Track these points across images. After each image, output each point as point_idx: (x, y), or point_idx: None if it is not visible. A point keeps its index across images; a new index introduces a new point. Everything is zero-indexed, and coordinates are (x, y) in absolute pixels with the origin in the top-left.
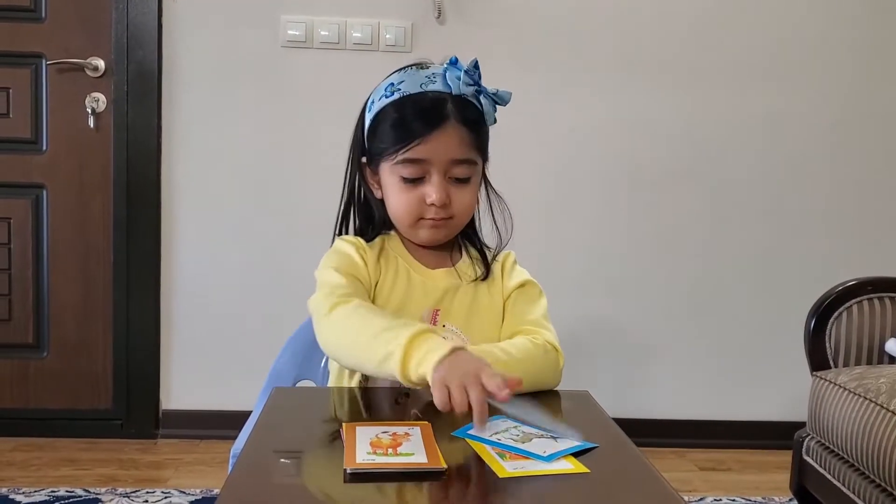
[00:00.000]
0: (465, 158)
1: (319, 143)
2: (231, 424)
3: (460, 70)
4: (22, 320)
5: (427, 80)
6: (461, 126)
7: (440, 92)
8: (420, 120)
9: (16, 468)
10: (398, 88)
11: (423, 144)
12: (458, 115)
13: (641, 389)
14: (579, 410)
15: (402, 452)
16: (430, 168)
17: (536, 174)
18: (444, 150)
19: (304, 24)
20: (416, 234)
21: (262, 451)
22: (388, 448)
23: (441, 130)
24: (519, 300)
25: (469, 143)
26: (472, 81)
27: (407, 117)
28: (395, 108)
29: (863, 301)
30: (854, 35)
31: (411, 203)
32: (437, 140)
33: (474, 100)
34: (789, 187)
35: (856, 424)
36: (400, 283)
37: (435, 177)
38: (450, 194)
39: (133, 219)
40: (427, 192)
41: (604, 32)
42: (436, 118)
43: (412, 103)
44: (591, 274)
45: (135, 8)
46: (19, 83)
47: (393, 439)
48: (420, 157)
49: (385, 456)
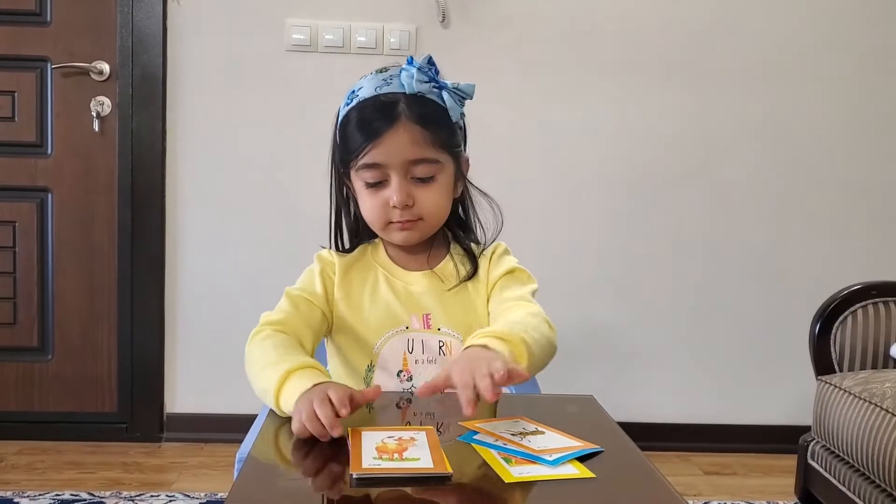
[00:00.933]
0: (423, 158)
1: (324, 146)
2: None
3: (413, 68)
4: (27, 323)
5: (383, 82)
6: (414, 125)
7: (394, 93)
8: (371, 123)
9: (21, 471)
10: (357, 94)
11: (376, 148)
12: (411, 114)
13: (646, 393)
14: (584, 415)
15: (408, 457)
16: (388, 171)
17: (540, 177)
18: (397, 151)
19: (309, 29)
20: (389, 237)
21: (268, 455)
22: (395, 453)
23: (392, 132)
24: (505, 283)
25: (425, 141)
26: (428, 78)
27: (360, 122)
28: (352, 114)
29: (868, 305)
30: (858, 38)
31: (376, 207)
32: (389, 142)
33: (435, 97)
34: (794, 190)
35: (861, 429)
36: (381, 291)
37: (394, 179)
38: (413, 195)
39: (138, 222)
40: (388, 195)
41: (608, 36)
42: (386, 120)
43: (366, 108)
44: (595, 277)
45: (140, 12)
46: (24, 87)
47: (399, 444)
48: (375, 161)
49: (391, 461)
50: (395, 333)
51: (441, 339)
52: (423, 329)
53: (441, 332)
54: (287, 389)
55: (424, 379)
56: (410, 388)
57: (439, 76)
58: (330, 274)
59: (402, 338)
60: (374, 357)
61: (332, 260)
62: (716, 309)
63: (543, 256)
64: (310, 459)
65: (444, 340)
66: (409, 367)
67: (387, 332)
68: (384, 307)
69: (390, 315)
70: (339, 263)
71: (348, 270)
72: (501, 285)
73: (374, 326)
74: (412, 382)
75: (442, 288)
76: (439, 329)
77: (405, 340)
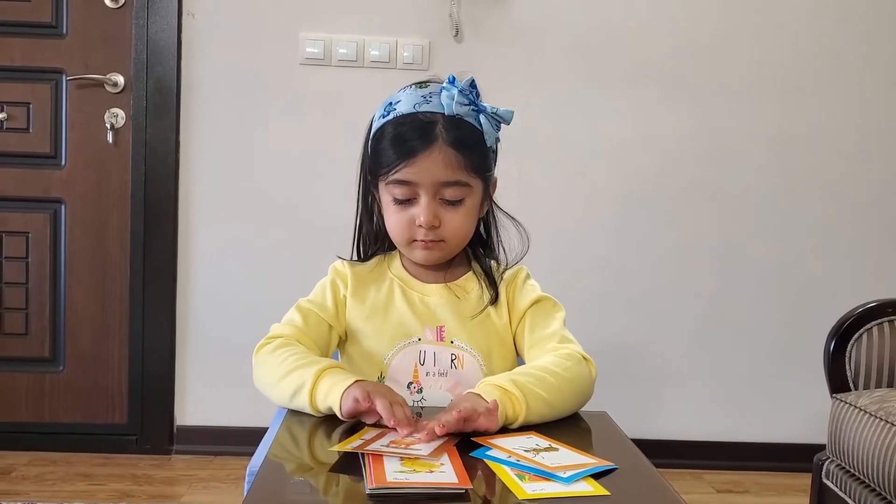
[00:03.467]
0: (455, 181)
1: (337, 160)
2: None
3: (455, 89)
4: (39, 334)
5: (422, 99)
6: (450, 148)
7: (433, 112)
8: (408, 142)
9: (30, 482)
10: (394, 108)
11: (409, 167)
12: (448, 137)
13: (658, 409)
14: (598, 431)
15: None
16: (418, 189)
17: (551, 190)
18: (431, 173)
19: (323, 42)
20: (411, 254)
21: (280, 469)
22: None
23: (428, 153)
24: (535, 317)
25: (459, 165)
26: (468, 101)
27: (396, 138)
28: (388, 128)
29: (883, 323)
30: (871, 51)
31: (402, 224)
32: (424, 162)
33: (472, 120)
34: (808, 204)
35: (877, 448)
36: (396, 302)
37: (423, 198)
38: (440, 216)
39: (150, 234)
40: (416, 213)
41: (619, 50)
42: (423, 140)
43: (404, 124)
44: (606, 292)
45: (155, 24)
46: (39, 98)
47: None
48: (407, 179)
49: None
50: (407, 345)
51: (453, 353)
52: (435, 341)
53: (454, 345)
54: (324, 385)
55: (434, 391)
56: (421, 400)
57: (479, 99)
58: (341, 286)
59: (413, 349)
60: (385, 368)
61: (345, 272)
62: (729, 324)
63: (553, 270)
64: (322, 473)
65: (457, 354)
66: (419, 380)
67: (399, 343)
68: (398, 318)
69: (403, 326)
70: (353, 275)
71: (362, 281)
72: (532, 319)
73: (387, 337)
74: (422, 395)
75: (457, 302)
76: (452, 342)
77: (417, 352)
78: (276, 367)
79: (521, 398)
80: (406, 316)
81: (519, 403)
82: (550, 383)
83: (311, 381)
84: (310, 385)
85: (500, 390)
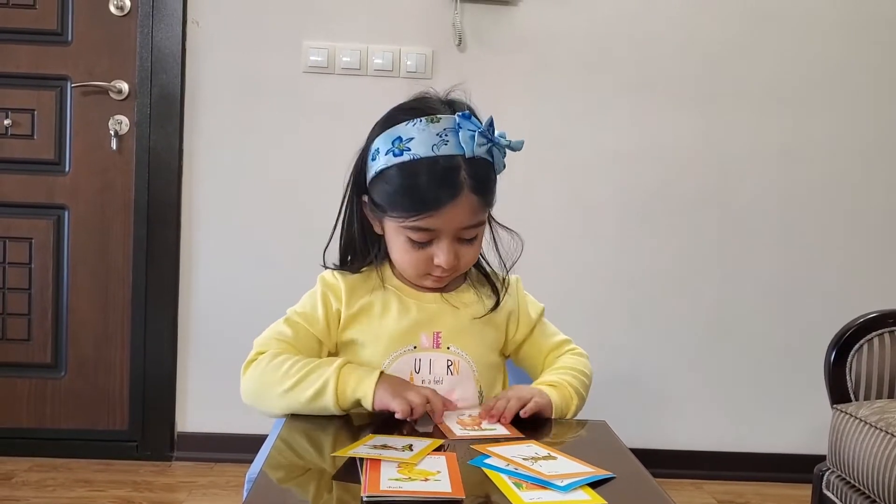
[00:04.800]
0: (476, 223)
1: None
2: (246, 448)
3: (474, 129)
4: (41, 340)
5: (439, 140)
6: (473, 195)
7: (453, 156)
8: (432, 193)
9: (31, 488)
10: (407, 147)
11: (434, 217)
12: (472, 183)
13: (658, 418)
14: (597, 440)
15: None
16: (440, 234)
17: (554, 199)
18: (456, 221)
19: (326, 51)
20: (419, 282)
21: (278, 475)
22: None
23: (454, 203)
24: (543, 326)
25: (480, 207)
26: (486, 140)
27: (418, 188)
28: (404, 172)
29: (884, 334)
30: (876, 63)
31: (419, 262)
32: (450, 213)
33: (486, 154)
34: (810, 215)
35: (877, 459)
36: (392, 310)
37: (444, 242)
38: (457, 253)
39: (153, 240)
40: (435, 253)
41: (623, 59)
42: (449, 190)
43: (423, 171)
44: (608, 301)
45: (159, 32)
46: (44, 105)
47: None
48: (430, 227)
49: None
50: (403, 353)
51: (450, 359)
52: (432, 348)
53: (450, 350)
54: (350, 380)
55: None
56: None
57: (494, 133)
58: (332, 298)
59: (409, 357)
60: None
61: (337, 284)
62: (730, 334)
63: (557, 278)
64: (319, 480)
65: (453, 360)
66: None
67: (394, 351)
68: (394, 327)
69: (399, 334)
70: (345, 286)
71: (356, 292)
72: (541, 329)
73: (383, 346)
74: None
75: (454, 309)
76: (448, 348)
77: (413, 360)
78: (283, 376)
79: (570, 390)
80: (402, 324)
81: (569, 394)
82: (583, 382)
83: (335, 379)
84: (333, 383)
85: (549, 386)
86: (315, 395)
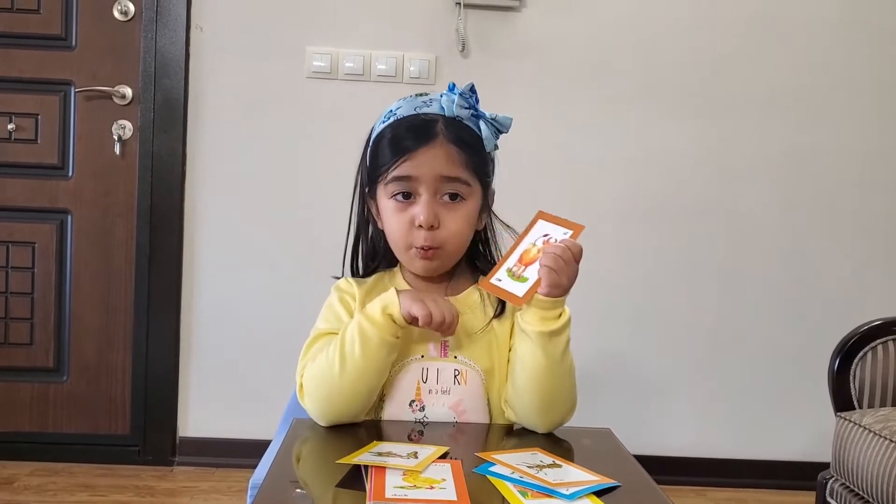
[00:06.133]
0: (455, 176)
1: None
2: (247, 453)
3: (455, 94)
4: (43, 344)
5: (423, 104)
6: (450, 144)
7: (433, 113)
8: (409, 137)
9: (32, 492)
10: (394, 113)
11: (410, 160)
12: (449, 134)
13: (661, 425)
14: (602, 448)
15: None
16: (418, 186)
17: (557, 205)
18: (432, 166)
19: (330, 56)
20: (411, 264)
21: (283, 483)
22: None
23: (429, 147)
24: None
25: (460, 162)
26: (468, 105)
27: (397, 136)
28: (387, 130)
29: (888, 341)
30: (880, 69)
31: (402, 226)
32: (424, 156)
33: (472, 124)
34: (813, 222)
35: (881, 467)
36: None
37: (423, 196)
38: (440, 216)
39: (156, 245)
40: (416, 213)
41: (626, 65)
42: (424, 135)
43: (404, 123)
44: (611, 307)
45: (163, 38)
46: (48, 110)
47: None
48: (407, 174)
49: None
50: (410, 362)
51: (457, 368)
52: (439, 357)
53: (457, 360)
54: (374, 308)
55: (437, 409)
56: (423, 418)
57: (479, 105)
58: (351, 301)
59: (416, 366)
60: (387, 386)
61: (352, 290)
62: (733, 341)
63: None
64: (325, 487)
65: (460, 369)
66: (421, 397)
67: (402, 360)
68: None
69: (407, 343)
70: (359, 292)
71: (367, 298)
72: None
73: None
74: (424, 413)
75: (461, 316)
76: (455, 357)
77: (420, 369)
78: (329, 362)
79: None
80: (410, 331)
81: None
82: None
83: (364, 318)
84: (366, 321)
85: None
86: (363, 344)
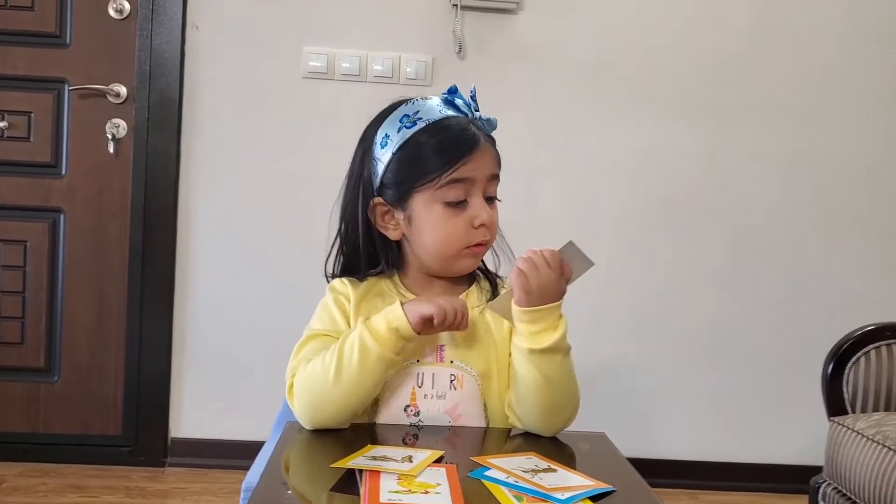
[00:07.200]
0: (497, 174)
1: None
2: (239, 455)
3: (462, 98)
4: (34, 344)
5: (444, 105)
6: (489, 145)
7: (461, 116)
8: (461, 140)
9: (21, 493)
10: (419, 118)
11: (468, 164)
12: (484, 134)
13: (655, 429)
14: (597, 452)
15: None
16: (472, 188)
17: (555, 210)
18: (484, 167)
19: (326, 56)
20: (453, 265)
21: (276, 486)
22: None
23: (479, 149)
24: None
25: (498, 160)
26: (477, 107)
27: (448, 139)
28: (427, 133)
29: (881, 347)
30: (880, 74)
31: (458, 230)
32: (478, 158)
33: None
34: (810, 228)
35: (873, 472)
36: None
37: (476, 198)
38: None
39: (149, 245)
40: (473, 214)
41: (625, 69)
42: (473, 137)
43: (445, 127)
44: (607, 311)
45: (158, 36)
46: (41, 108)
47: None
48: (466, 177)
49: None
50: (406, 366)
51: (453, 373)
52: (435, 362)
53: (454, 364)
54: (378, 322)
55: (432, 414)
56: (417, 422)
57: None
58: (346, 303)
59: (412, 371)
60: (383, 390)
61: (346, 291)
62: (729, 346)
63: None
64: (320, 492)
65: (456, 374)
66: (416, 402)
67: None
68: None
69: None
70: (354, 294)
71: (362, 301)
72: None
73: None
74: (419, 417)
75: None
76: (452, 362)
77: (415, 374)
78: (324, 369)
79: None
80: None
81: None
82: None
83: (366, 331)
84: (367, 334)
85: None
86: (361, 357)
